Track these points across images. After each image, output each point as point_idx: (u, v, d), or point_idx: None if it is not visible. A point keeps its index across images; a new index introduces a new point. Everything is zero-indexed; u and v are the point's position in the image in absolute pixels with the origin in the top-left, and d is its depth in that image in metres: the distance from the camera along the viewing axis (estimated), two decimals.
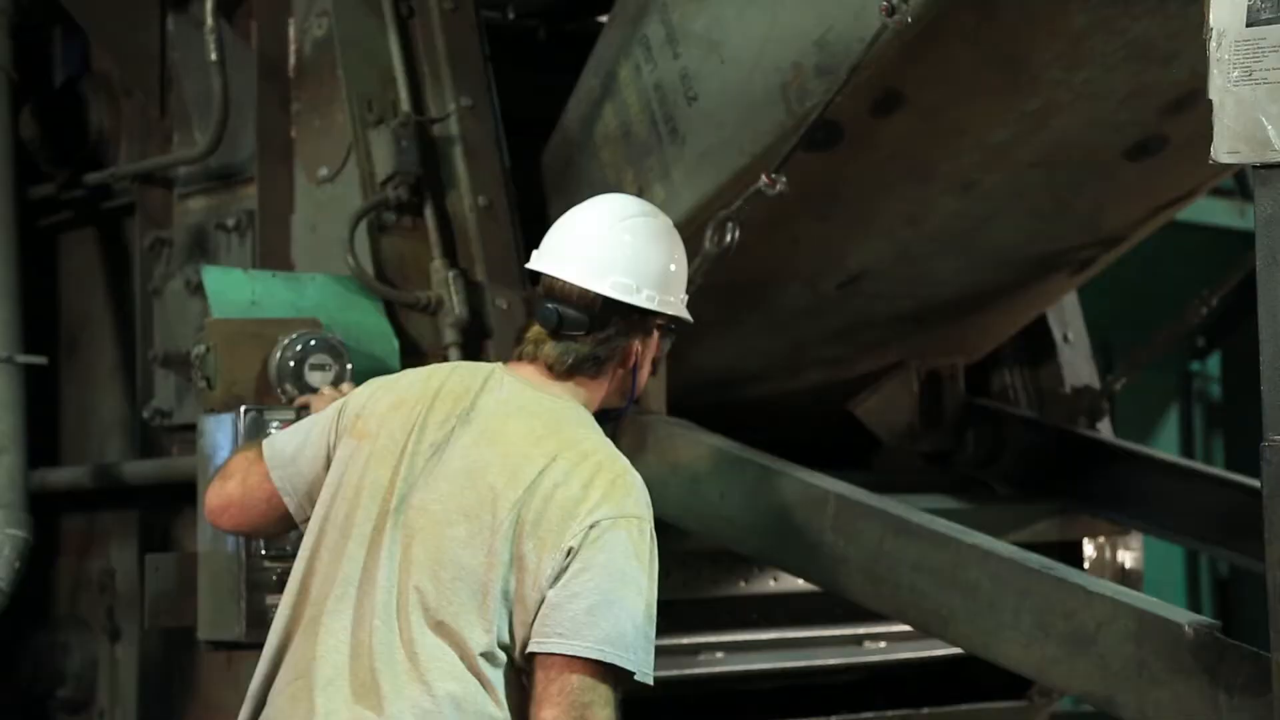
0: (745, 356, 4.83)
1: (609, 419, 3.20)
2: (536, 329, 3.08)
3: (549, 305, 3.05)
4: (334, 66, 4.51)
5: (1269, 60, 2.68)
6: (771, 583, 4.89)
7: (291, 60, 4.66)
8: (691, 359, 4.45)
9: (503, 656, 2.86)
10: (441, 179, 4.46)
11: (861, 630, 4.99)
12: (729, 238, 3.98)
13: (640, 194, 4.33)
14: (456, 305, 4.31)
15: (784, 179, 3.86)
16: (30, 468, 4.74)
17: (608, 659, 2.81)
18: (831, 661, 5.03)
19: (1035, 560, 3.52)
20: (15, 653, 5.17)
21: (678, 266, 3.15)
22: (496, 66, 4.62)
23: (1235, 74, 2.70)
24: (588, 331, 3.04)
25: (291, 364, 3.99)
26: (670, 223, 3.21)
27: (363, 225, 4.36)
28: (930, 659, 5.04)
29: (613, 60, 4.44)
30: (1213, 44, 2.74)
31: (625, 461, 2.98)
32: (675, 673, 4.75)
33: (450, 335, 4.32)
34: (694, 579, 4.78)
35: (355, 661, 2.88)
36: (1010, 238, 4.64)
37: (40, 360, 4.82)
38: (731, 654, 4.85)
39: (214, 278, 4.29)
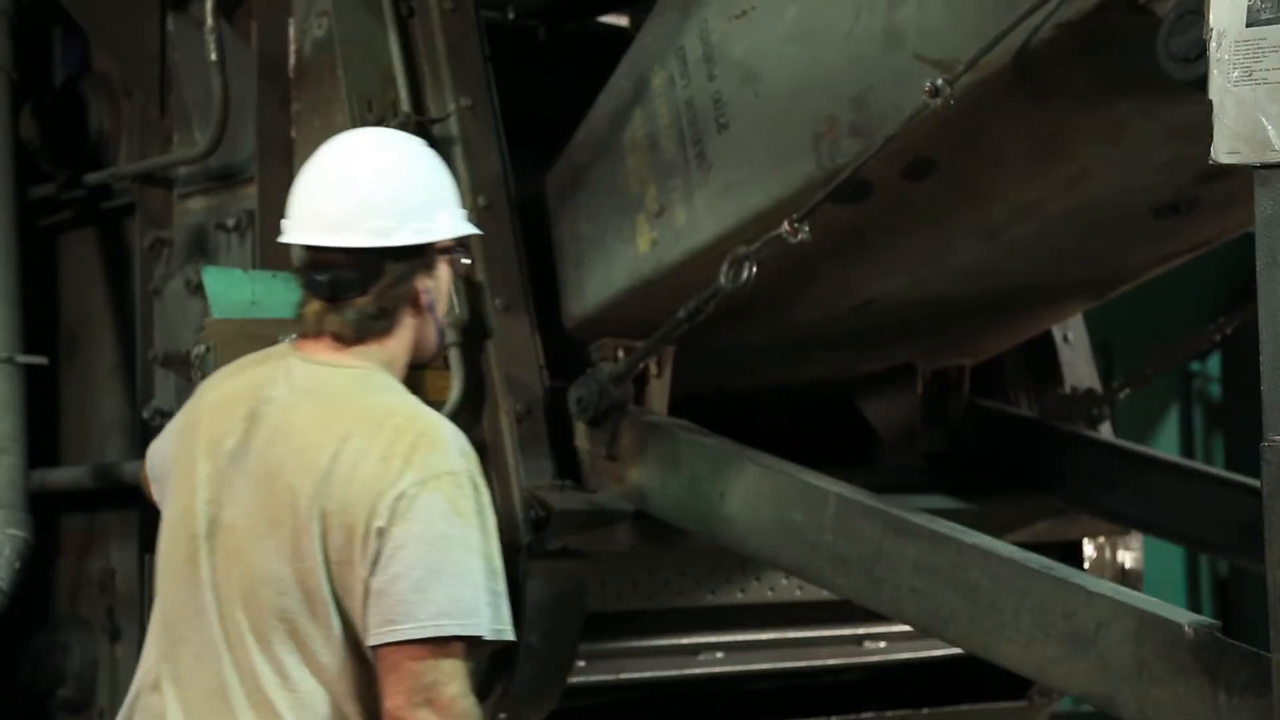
0: (747, 358, 4.82)
1: (428, 366, 3.01)
2: (314, 303, 2.87)
3: (316, 276, 2.84)
4: (334, 66, 4.51)
5: (1269, 60, 2.68)
6: (768, 590, 4.89)
7: (291, 60, 4.66)
8: (691, 359, 4.45)
9: (351, 661, 2.69)
10: None
11: (861, 630, 4.99)
12: (744, 275, 3.92)
13: (661, 213, 4.31)
14: (456, 305, 4.31)
15: (807, 228, 3.80)
16: (30, 468, 4.74)
17: (447, 632, 2.62)
18: (831, 661, 5.03)
19: (1035, 560, 3.51)
20: (15, 653, 5.17)
21: (438, 184, 2.92)
22: (496, 66, 4.62)
23: (1235, 74, 2.70)
24: (364, 289, 2.82)
25: None
26: (416, 142, 2.99)
27: None
28: (930, 659, 5.04)
29: (647, 65, 4.37)
30: (1213, 44, 2.73)
31: (429, 415, 2.78)
32: (675, 673, 4.75)
33: (450, 335, 4.31)
34: (694, 579, 4.78)
35: (205, 705, 2.72)
36: (1029, 274, 4.61)
37: (40, 360, 4.82)
38: (731, 654, 4.84)
39: (214, 278, 4.28)
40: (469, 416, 4.31)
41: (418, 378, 4.29)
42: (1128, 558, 5.33)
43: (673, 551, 4.55)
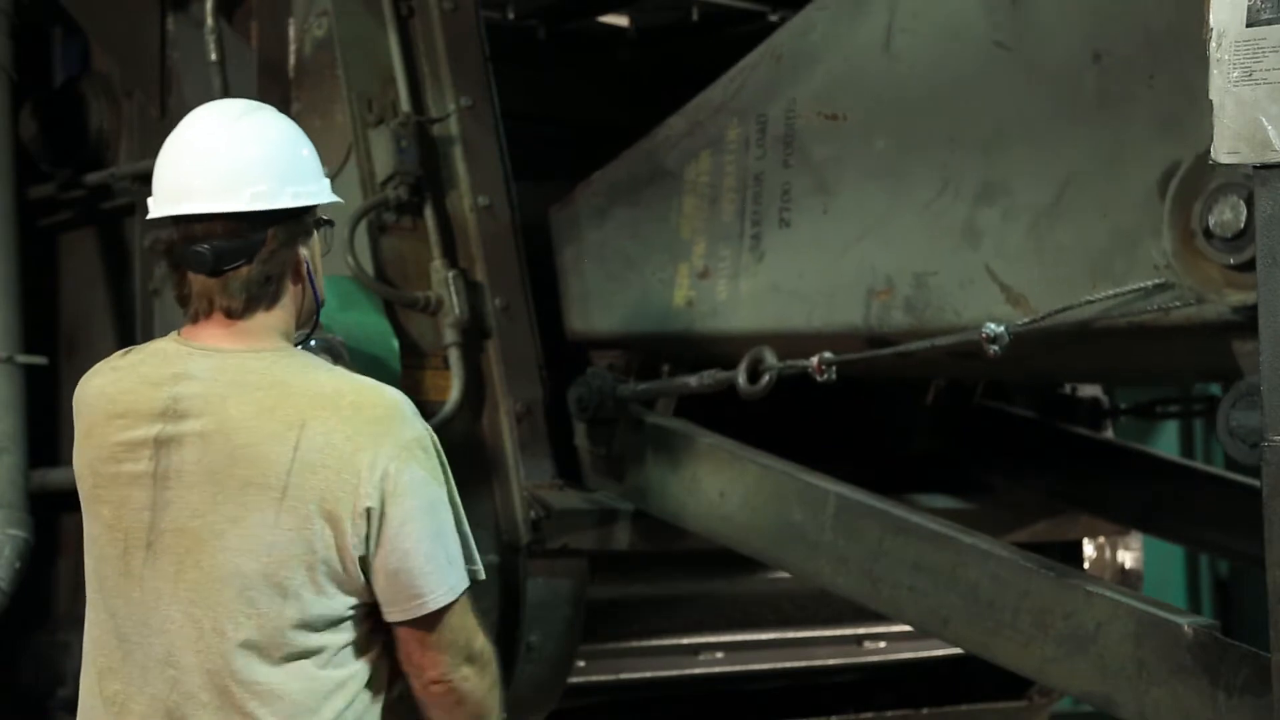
0: None
1: (310, 337, 2.88)
2: (198, 281, 2.71)
3: (195, 249, 2.68)
4: (334, 66, 4.51)
5: (1269, 60, 2.68)
6: (765, 584, 4.90)
7: (291, 60, 4.66)
8: None
9: (331, 642, 2.65)
10: (441, 179, 4.46)
11: (861, 630, 5.00)
12: (761, 384, 3.90)
13: (705, 275, 4.23)
14: (456, 305, 4.31)
15: (835, 370, 3.75)
16: (30, 468, 4.74)
17: (461, 591, 2.68)
18: (831, 661, 5.04)
19: (1035, 560, 3.52)
20: (15, 653, 5.16)
21: (307, 150, 2.81)
22: (496, 66, 4.62)
23: (1235, 74, 2.70)
24: (250, 258, 2.69)
25: None
26: (274, 110, 2.85)
27: (363, 225, 4.36)
28: (930, 659, 5.05)
29: (726, 112, 4.23)
30: (1213, 44, 2.74)
31: (373, 386, 2.71)
32: (675, 673, 4.76)
33: (450, 335, 4.32)
34: (694, 579, 4.78)
35: (167, 716, 2.64)
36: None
37: (40, 360, 4.82)
38: (731, 654, 4.85)
39: None
40: (469, 416, 4.32)
41: (418, 378, 4.30)
42: (1128, 558, 5.34)
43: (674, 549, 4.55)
